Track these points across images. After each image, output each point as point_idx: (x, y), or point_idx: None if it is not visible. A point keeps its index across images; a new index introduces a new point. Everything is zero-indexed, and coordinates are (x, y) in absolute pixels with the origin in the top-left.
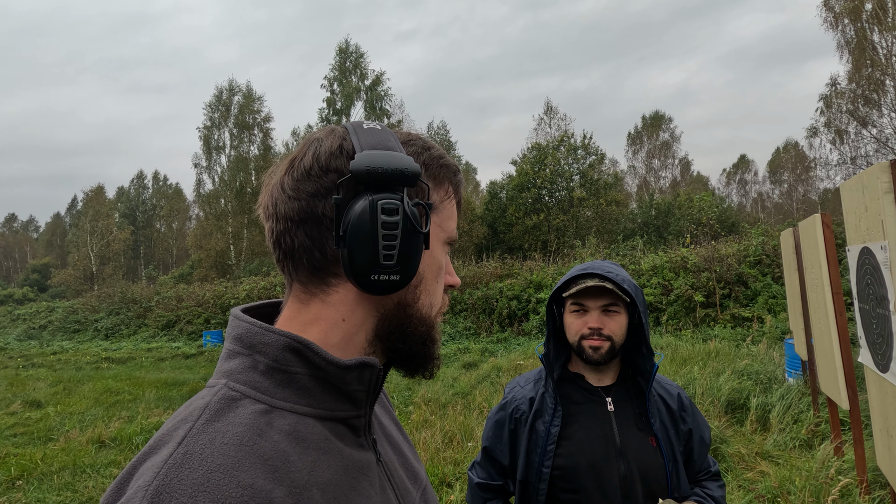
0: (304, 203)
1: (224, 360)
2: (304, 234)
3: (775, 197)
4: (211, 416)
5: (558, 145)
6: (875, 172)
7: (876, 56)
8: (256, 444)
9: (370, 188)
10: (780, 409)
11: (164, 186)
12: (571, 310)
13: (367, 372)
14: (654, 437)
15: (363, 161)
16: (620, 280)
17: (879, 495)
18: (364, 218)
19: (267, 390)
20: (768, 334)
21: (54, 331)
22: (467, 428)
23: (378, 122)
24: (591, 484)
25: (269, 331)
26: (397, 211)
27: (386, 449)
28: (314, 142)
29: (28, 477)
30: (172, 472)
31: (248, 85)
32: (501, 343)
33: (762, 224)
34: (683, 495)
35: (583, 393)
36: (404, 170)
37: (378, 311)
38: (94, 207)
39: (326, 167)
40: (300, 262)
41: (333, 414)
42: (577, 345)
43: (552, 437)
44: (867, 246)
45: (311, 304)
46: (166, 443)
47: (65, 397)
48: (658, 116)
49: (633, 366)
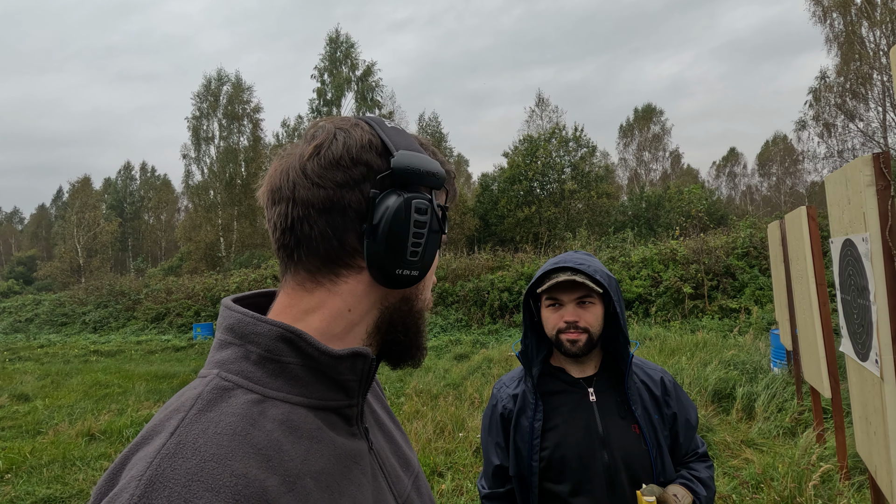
0: (331, 192)
1: (216, 350)
2: (326, 223)
3: (764, 190)
4: (204, 405)
5: (550, 137)
6: (858, 165)
7: (864, 50)
8: (249, 434)
9: (402, 187)
10: (765, 398)
11: (152, 178)
12: (547, 304)
13: (359, 362)
14: (637, 424)
15: (404, 160)
16: (592, 271)
17: (859, 480)
18: (399, 215)
19: (259, 380)
20: (755, 325)
21: (41, 324)
22: (458, 418)
23: (396, 124)
24: (576, 475)
25: (262, 321)
26: (427, 211)
27: (378, 437)
28: (340, 131)
29: (17, 470)
30: (166, 461)
31: (238, 75)
32: (493, 335)
33: (750, 216)
34: (668, 479)
35: (564, 386)
36: (436, 173)
37: (382, 305)
38: (81, 199)
39: (357, 159)
40: (316, 250)
41: (326, 403)
42: (556, 339)
43: (536, 432)
44: (849, 238)
45: (315, 292)
46: (159, 433)
47: (53, 390)
48: (649, 109)
49: (615, 354)
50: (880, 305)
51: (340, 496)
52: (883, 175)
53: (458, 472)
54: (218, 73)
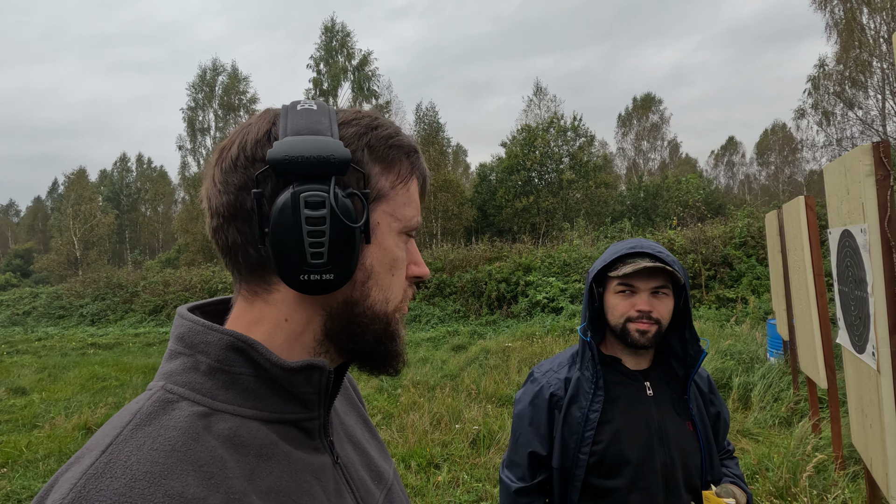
0: (233, 197)
1: (165, 361)
2: (236, 231)
3: (762, 179)
4: (141, 420)
5: (548, 127)
6: (857, 155)
7: (864, 37)
8: (190, 449)
9: (297, 179)
10: (761, 388)
11: (149, 169)
12: (617, 290)
13: (315, 374)
14: (692, 421)
15: (281, 149)
16: (671, 261)
17: (854, 470)
18: (286, 213)
19: (208, 392)
20: (751, 315)
21: (38, 317)
22: (455, 410)
23: (317, 102)
24: (631, 471)
25: (212, 329)
26: (323, 204)
27: (346, 450)
28: (244, 128)
29: (13, 464)
30: (91, 482)
31: (234, 64)
32: (490, 325)
33: (748, 206)
34: (715, 478)
35: (621, 377)
36: (329, 157)
37: (324, 310)
38: (77, 191)
39: (253, 157)
40: (237, 260)
41: (282, 416)
42: (622, 327)
43: (591, 423)
44: (848, 229)
45: (255, 303)
46: (91, 451)
47: (50, 384)
48: (648, 98)
49: (665, 348)
50: (878, 298)
51: None
52: (882, 165)
53: (454, 463)
54: (213, 63)
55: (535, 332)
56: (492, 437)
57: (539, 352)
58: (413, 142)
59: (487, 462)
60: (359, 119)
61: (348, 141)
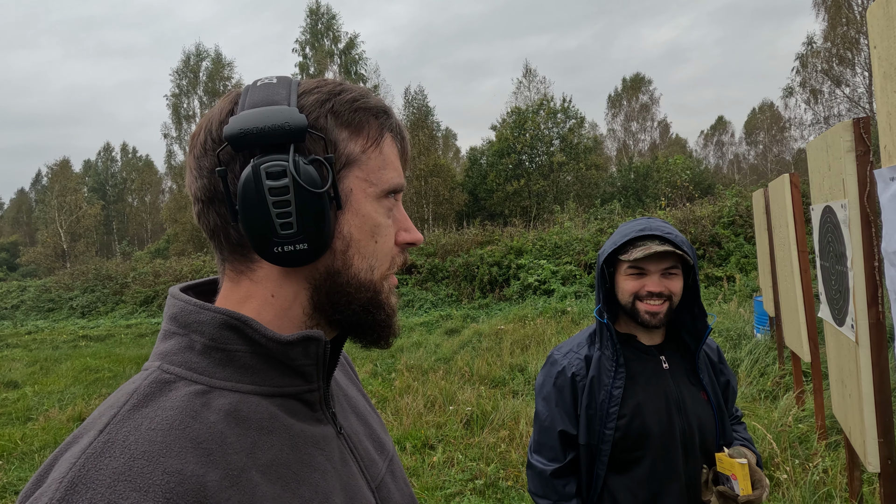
0: (207, 181)
1: (159, 341)
2: (216, 213)
3: (751, 158)
4: (139, 400)
5: (538, 109)
6: (838, 131)
7: (851, 14)
8: (189, 427)
9: (258, 152)
10: (748, 364)
11: (134, 159)
12: (628, 273)
13: (312, 346)
14: (704, 391)
15: (236, 125)
16: (680, 242)
17: (835, 440)
18: (249, 187)
19: (205, 370)
20: (739, 292)
21: (27, 310)
22: (449, 392)
23: (277, 77)
24: (653, 441)
25: (205, 308)
26: (284, 173)
27: (350, 421)
28: (210, 112)
29: (8, 457)
30: (90, 462)
31: (217, 49)
32: (483, 309)
33: (737, 185)
34: (727, 443)
35: (638, 353)
36: (283, 125)
37: (309, 283)
38: (61, 182)
39: (218, 138)
40: (220, 241)
41: (282, 390)
42: (632, 306)
43: (615, 399)
44: (829, 205)
45: (240, 282)
46: (88, 431)
47: (42, 377)
48: (638, 79)
49: (678, 323)
50: (857, 272)
51: (298, 485)
52: (862, 140)
53: (448, 444)
54: (197, 48)
55: (527, 315)
56: (485, 418)
57: (531, 334)
58: (382, 102)
59: (481, 442)
60: (321, 87)
61: (309, 109)
